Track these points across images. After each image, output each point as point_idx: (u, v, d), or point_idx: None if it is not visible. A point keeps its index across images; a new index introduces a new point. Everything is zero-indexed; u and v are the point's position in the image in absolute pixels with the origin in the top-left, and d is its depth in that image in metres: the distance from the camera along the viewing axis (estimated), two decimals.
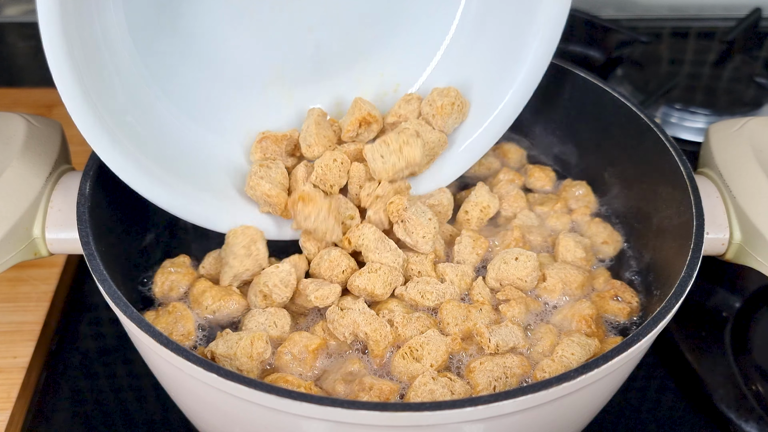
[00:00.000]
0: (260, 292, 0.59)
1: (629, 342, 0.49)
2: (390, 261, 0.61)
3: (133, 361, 0.71)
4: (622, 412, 0.68)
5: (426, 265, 0.62)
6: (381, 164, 0.62)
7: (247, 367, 0.54)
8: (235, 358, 0.54)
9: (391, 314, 0.58)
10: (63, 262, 0.77)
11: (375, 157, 0.63)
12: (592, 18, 1.08)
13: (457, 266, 0.62)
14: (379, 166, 0.63)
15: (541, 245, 0.67)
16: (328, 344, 0.58)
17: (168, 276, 0.62)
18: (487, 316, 0.59)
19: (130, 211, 0.66)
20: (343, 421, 0.45)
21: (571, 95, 0.74)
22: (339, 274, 0.60)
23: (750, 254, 0.61)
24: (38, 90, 0.98)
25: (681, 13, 1.19)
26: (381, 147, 0.63)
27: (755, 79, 0.99)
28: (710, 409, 0.67)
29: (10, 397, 0.65)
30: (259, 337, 0.55)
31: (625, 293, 0.63)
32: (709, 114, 0.94)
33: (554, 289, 0.62)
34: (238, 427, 0.51)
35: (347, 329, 0.57)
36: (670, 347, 0.72)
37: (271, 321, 0.58)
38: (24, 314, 0.72)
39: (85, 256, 0.53)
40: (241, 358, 0.54)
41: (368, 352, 0.57)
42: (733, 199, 0.62)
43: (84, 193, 0.57)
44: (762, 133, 0.66)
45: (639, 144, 0.67)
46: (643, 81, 0.98)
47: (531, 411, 0.47)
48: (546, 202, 0.71)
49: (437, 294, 0.60)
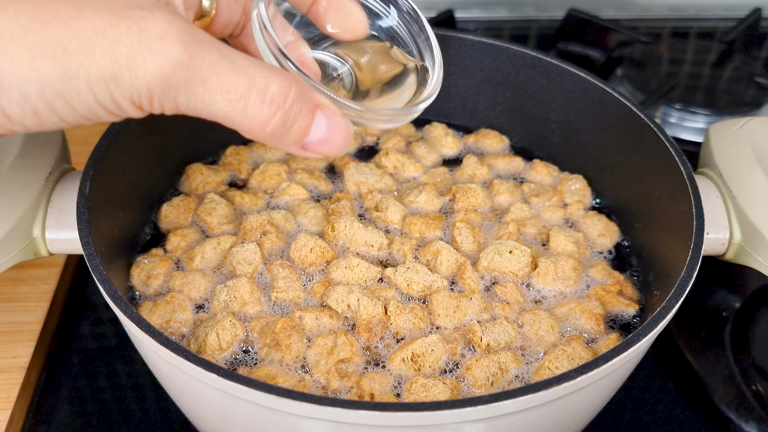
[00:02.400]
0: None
1: (629, 342, 0.49)
2: (372, 241, 0.64)
3: (133, 361, 0.71)
4: (622, 412, 0.68)
5: (406, 247, 0.64)
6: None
7: (224, 356, 0.56)
8: (210, 354, 0.55)
9: (386, 302, 0.59)
10: (63, 262, 0.77)
11: None
12: (592, 18, 1.08)
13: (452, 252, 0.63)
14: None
15: (535, 237, 0.67)
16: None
17: (143, 267, 0.63)
18: (478, 305, 0.60)
19: (130, 211, 0.66)
20: (343, 421, 0.45)
21: (571, 95, 0.74)
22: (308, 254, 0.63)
23: (750, 254, 0.61)
24: None
25: (681, 13, 1.19)
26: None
27: (755, 79, 0.99)
28: (710, 409, 0.67)
29: (10, 397, 0.65)
30: (222, 327, 0.56)
31: (627, 288, 0.63)
32: (709, 114, 0.94)
33: (547, 273, 0.62)
34: (237, 426, 0.51)
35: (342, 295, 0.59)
36: (670, 347, 0.72)
37: (231, 296, 0.59)
38: (24, 314, 0.72)
39: (85, 256, 0.53)
40: (215, 352, 0.56)
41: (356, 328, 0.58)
42: (733, 199, 0.62)
43: (84, 193, 0.57)
44: (762, 133, 0.66)
45: (639, 144, 0.67)
46: (643, 81, 0.98)
47: (531, 411, 0.47)
48: (542, 193, 0.72)
49: (424, 285, 0.61)
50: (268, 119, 0.37)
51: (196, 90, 0.36)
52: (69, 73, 0.34)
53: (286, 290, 0.60)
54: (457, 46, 0.77)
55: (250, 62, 0.37)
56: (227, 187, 0.72)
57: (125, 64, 0.34)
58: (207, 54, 0.36)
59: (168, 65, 0.35)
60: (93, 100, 0.35)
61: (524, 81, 0.77)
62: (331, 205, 0.68)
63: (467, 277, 0.61)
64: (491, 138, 0.79)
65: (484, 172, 0.74)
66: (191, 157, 0.74)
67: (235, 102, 0.36)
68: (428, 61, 0.50)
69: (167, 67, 0.35)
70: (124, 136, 0.63)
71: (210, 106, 0.36)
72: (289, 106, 0.38)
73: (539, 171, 0.75)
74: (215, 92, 0.36)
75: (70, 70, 0.34)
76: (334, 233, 0.64)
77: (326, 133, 0.40)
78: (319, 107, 0.39)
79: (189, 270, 0.63)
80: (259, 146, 0.77)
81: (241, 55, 0.37)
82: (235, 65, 0.36)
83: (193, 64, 0.35)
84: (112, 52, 0.34)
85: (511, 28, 1.18)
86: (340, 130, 0.40)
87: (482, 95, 0.80)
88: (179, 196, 0.69)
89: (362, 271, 0.61)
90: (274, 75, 0.37)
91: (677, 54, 1.05)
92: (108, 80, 0.35)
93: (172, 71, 0.35)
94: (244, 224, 0.65)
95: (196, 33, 0.36)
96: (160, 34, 0.35)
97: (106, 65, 0.34)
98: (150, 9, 0.36)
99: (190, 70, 0.35)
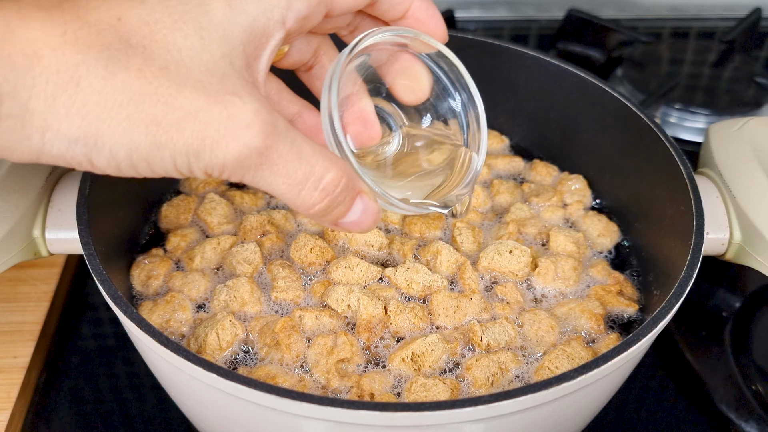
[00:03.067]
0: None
1: (629, 342, 0.49)
2: (372, 240, 0.64)
3: (133, 361, 0.71)
4: (622, 412, 0.68)
5: (405, 247, 0.64)
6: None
7: (224, 356, 0.56)
8: (210, 354, 0.55)
9: (386, 301, 0.59)
10: (63, 262, 0.77)
11: None
12: (592, 18, 1.08)
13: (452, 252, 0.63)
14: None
15: (535, 237, 0.67)
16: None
17: (143, 267, 0.63)
18: (478, 305, 0.60)
19: (130, 211, 0.66)
20: (343, 421, 0.45)
21: (571, 95, 0.74)
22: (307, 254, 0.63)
23: (750, 254, 0.61)
24: None
25: (681, 13, 1.19)
26: None
27: (755, 79, 0.99)
28: (710, 409, 0.67)
29: (10, 397, 0.65)
30: (222, 327, 0.56)
31: (627, 288, 0.63)
32: (709, 114, 0.94)
33: (547, 273, 0.62)
34: (237, 426, 0.51)
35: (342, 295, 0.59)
36: (670, 347, 0.72)
37: (231, 295, 0.59)
38: (24, 314, 0.72)
39: (85, 256, 0.53)
40: (215, 352, 0.56)
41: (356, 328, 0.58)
42: (733, 199, 0.62)
43: (84, 193, 0.57)
44: (762, 133, 0.66)
45: (639, 144, 0.67)
46: (643, 81, 0.98)
47: (531, 411, 0.47)
48: (542, 193, 0.72)
49: (424, 284, 0.61)
50: (316, 204, 0.42)
51: (263, 173, 0.40)
52: (157, 144, 0.38)
53: (286, 290, 0.60)
54: (457, 46, 0.77)
55: (313, 151, 0.41)
56: (227, 186, 0.72)
57: (209, 145, 0.38)
58: (281, 144, 0.40)
59: (246, 151, 0.39)
60: (172, 167, 0.39)
61: (524, 81, 0.77)
62: None
63: (467, 277, 0.61)
64: (491, 138, 0.79)
65: (484, 172, 0.74)
66: None
67: (292, 186, 0.41)
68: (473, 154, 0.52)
69: (245, 152, 0.39)
70: None
71: (270, 186, 0.41)
72: (336, 195, 0.42)
73: (539, 171, 0.75)
74: (279, 176, 0.40)
75: (160, 141, 0.38)
76: (334, 233, 0.64)
77: (360, 217, 0.44)
78: (359, 195, 0.44)
79: (189, 270, 0.63)
80: None
81: (308, 144, 0.41)
82: (301, 156, 0.41)
83: (267, 152, 0.39)
84: (201, 132, 0.38)
85: (511, 28, 1.18)
86: (372, 215, 0.45)
87: (482, 95, 0.80)
88: (179, 196, 0.69)
89: (362, 271, 0.61)
90: (332, 166, 0.42)
91: (677, 54, 1.05)
92: (190, 155, 0.38)
93: (249, 156, 0.39)
94: (244, 224, 0.65)
95: (276, 122, 0.40)
96: (247, 124, 0.38)
97: (192, 142, 0.38)
98: (241, 95, 0.39)
99: (263, 158, 0.39)
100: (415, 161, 0.52)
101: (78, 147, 0.38)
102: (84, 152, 0.38)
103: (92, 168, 0.39)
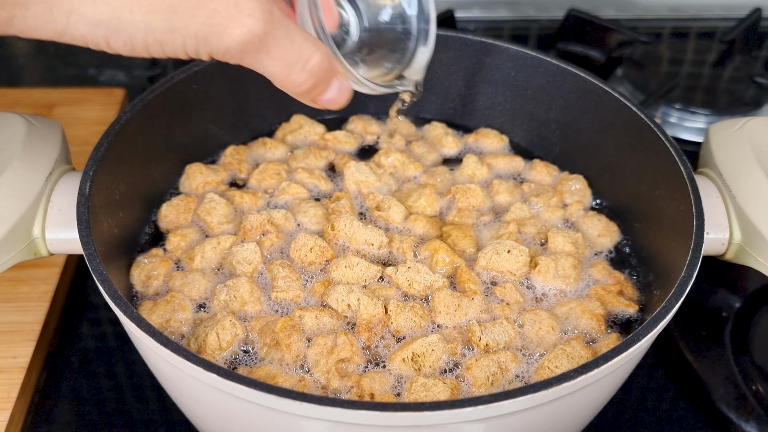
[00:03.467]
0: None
1: (629, 342, 0.49)
2: (372, 239, 0.64)
3: (133, 361, 0.71)
4: (622, 412, 0.68)
5: (405, 244, 0.64)
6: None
7: (224, 356, 0.56)
8: (210, 354, 0.55)
9: (386, 301, 0.59)
10: (63, 262, 0.77)
11: None
12: (592, 18, 1.08)
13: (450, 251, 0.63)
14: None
15: (534, 237, 0.68)
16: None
17: (143, 267, 0.63)
18: (479, 305, 0.60)
19: (130, 211, 0.66)
20: (343, 421, 0.45)
21: (571, 95, 0.74)
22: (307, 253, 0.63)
23: (750, 254, 0.61)
24: (38, 90, 0.97)
25: (681, 13, 1.19)
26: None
27: (755, 79, 0.99)
28: (710, 409, 0.67)
29: (10, 397, 0.65)
30: (222, 327, 0.56)
31: (627, 287, 0.64)
32: (709, 114, 0.94)
33: (547, 271, 0.62)
34: (237, 426, 0.51)
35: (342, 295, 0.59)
36: (670, 347, 0.72)
37: (231, 295, 0.59)
38: (24, 314, 0.72)
39: (85, 256, 0.53)
40: (215, 352, 0.56)
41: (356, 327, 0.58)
42: (733, 199, 0.62)
43: (84, 193, 0.57)
44: (762, 133, 0.66)
45: (639, 144, 0.67)
46: (643, 81, 0.98)
47: (531, 411, 0.47)
48: (542, 193, 0.72)
49: (425, 284, 0.61)
50: (302, 83, 0.48)
51: (260, 56, 0.45)
52: (172, 29, 0.43)
53: (286, 290, 0.60)
54: (457, 46, 0.77)
55: (303, 38, 0.47)
56: (227, 186, 0.72)
57: (217, 30, 0.43)
58: (277, 31, 0.45)
59: (248, 36, 0.44)
60: (182, 49, 0.44)
61: (524, 81, 0.77)
62: (331, 204, 0.68)
63: (466, 279, 0.61)
64: (491, 137, 0.79)
65: (484, 172, 0.74)
66: (191, 157, 0.74)
67: (284, 68, 0.47)
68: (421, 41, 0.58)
69: (248, 37, 0.44)
70: (124, 136, 0.63)
71: (265, 68, 0.46)
72: (319, 76, 0.48)
73: (539, 171, 0.75)
74: (273, 59, 0.46)
75: (174, 26, 0.43)
76: (334, 232, 0.64)
77: (336, 95, 0.50)
78: (336, 75, 0.50)
79: (189, 270, 0.63)
80: (259, 146, 0.77)
81: (297, 30, 0.47)
82: (293, 41, 0.46)
83: (266, 38, 0.45)
84: (211, 19, 0.43)
85: (511, 28, 1.18)
86: (346, 93, 0.51)
87: (482, 95, 0.80)
88: (179, 196, 0.69)
89: (362, 271, 0.61)
90: (317, 51, 0.47)
91: (677, 54, 1.05)
92: (200, 39, 0.43)
93: (250, 41, 0.44)
94: (244, 224, 0.65)
95: (273, 10, 0.45)
96: (250, 11, 0.44)
97: (202, 28, 0.43)
98: None
99: (262, 43, 0.45)
100: (372, 52, 0.58)
101: (99, 30, 0.42)
102: (104, 35, 0.42)
103: (108, 48, 0.44)
